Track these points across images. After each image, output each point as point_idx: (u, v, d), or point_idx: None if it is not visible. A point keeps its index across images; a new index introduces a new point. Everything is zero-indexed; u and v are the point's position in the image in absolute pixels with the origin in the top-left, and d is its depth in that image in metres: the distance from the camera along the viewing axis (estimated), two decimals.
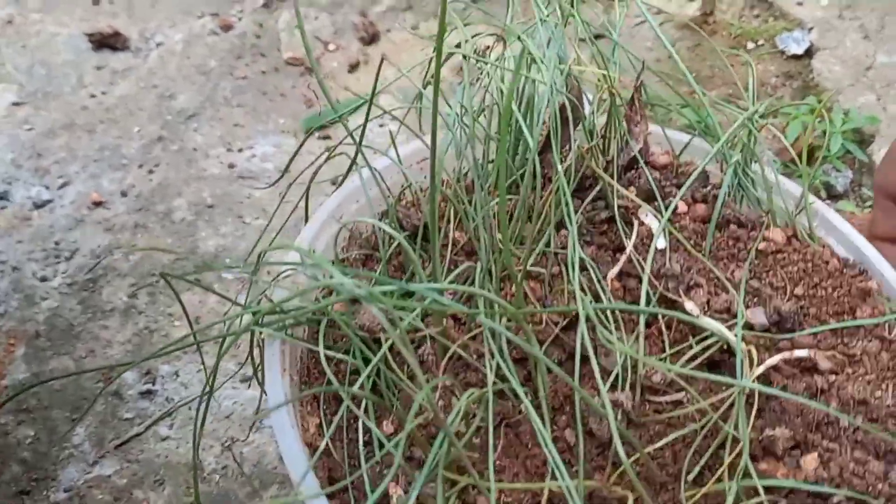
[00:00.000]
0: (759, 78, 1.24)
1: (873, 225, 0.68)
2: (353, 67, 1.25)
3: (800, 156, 1.10)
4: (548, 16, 0.72)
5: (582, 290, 0.63)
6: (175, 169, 1.06)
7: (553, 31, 0.71)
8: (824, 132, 1.10)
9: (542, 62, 0.67)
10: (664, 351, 0.61)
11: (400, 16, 1.33)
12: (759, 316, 0.63)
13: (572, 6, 0.74)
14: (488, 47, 0.74)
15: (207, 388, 0.56)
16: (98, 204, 1.01)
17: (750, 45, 1.29)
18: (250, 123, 1.14)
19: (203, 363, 0.55)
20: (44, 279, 0.92)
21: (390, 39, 1.29)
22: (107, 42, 1.26)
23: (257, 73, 1.22)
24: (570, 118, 0.68)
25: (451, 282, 0.61)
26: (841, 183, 1.06)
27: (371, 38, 1.28)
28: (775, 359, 0.60)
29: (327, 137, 1.13)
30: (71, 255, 0.95)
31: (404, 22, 1.32)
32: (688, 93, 1.25)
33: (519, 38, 0.71)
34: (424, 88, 0.75)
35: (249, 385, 0.81)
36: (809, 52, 1.26)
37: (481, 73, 0.72)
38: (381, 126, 1.13)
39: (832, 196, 1.06)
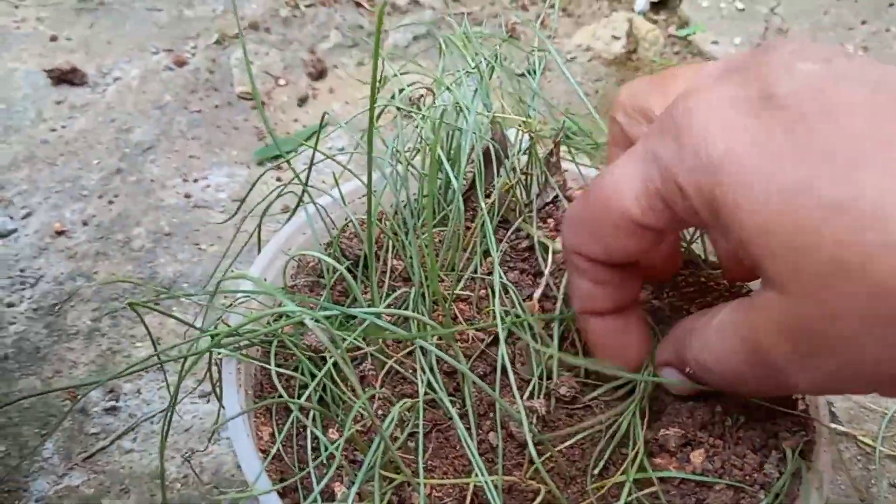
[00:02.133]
0: None
1: (588, 300, 0.60)
2: (303, 101, 1.32)
3: None
4: (474, 67, 0.81)
5: (504, 310, 0.72)
6: (133, 199, 1.13)
7: (479, 82, 0.80)
8: None
9: (467, 110, 0.76)
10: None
11: (346, 52, 1.41)
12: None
13: (496, 60, 0.83)
14: (422, 96, 0.83)
15: (170, 403, 0.63)
16: (61, 233, 1.07)
17: None
18: (205, 155, 1.21)
19: (166, 381, 0.62)
20: (10, 305, 0.98)
21: (337, 75, 1.37)
22: (65, 77, 1.31)
23: (211, 107, 1.29)
24: (493, 160, 0.77)
25: (388, 306, 0.70)
26: None
27: (319, 74, 1.36)
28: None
29: (279, 168, 1.20)
30: (36, 281, 1.01)
31: (350, 58, 1.40)
32: None
33: (448, 88, 0.80)
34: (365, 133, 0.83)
35: (208, 400, 0.88)
36: None
37: (414, 119, 0.80)
38: (333, 157, 1.20)
39: None
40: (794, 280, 0.40)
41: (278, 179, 1.16)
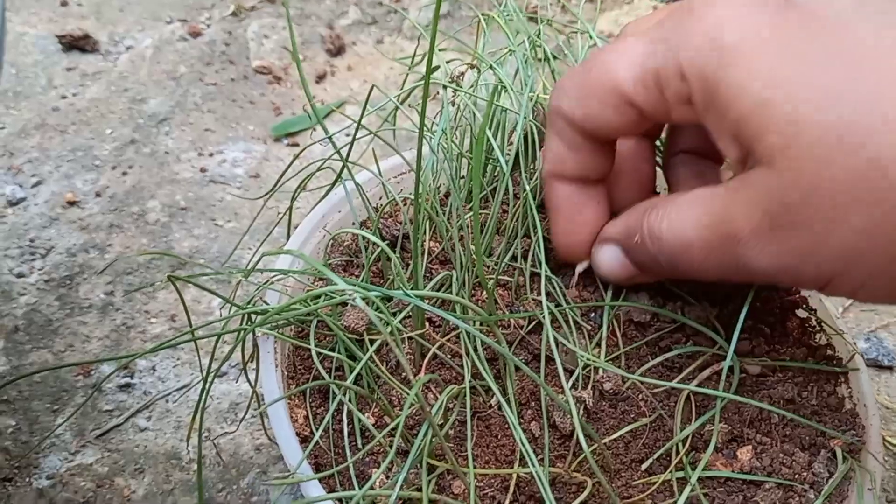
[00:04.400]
0: None
1: (557, 161, 0.58)
2: (321, 78, 1.29)
3: None
4: (518, 45, 0.79)
5: (546, 298, 0.69)
6: (148, 172, 1.10)
7: (521, 60, 0.77)
8: None
9: (511, 89, 0.74)
10: (618, 348, 0.68)
11: (365, 29, 1.38)
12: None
13: (538, 36, 0.81)
14: (462, 73, 0.80)
15: (205, 382, 0.60)
16: (72, 203, 1.04)
17: None
18: (220, 129, 1.18)
19: (199, 359, 0.59)
20: (20, 275, 0.95)
21: (356, 52, 1.34)
22: (76, 44, 1.28)
23: (227, 80, 1.26)
24: (536, 140, 0.75)
25: (431, 289, 0.67)
26: None
27: (337, 51, 1.33)
28: (718, 366, 0.67)
29: (295, 145, 1.17)
30: (46, 252, 0.98)
31: (369, 36, 1.37)
32: None
33: (491, 67, 0.77)
34: (400, 105, 0.80)
35: (234, 380, 0.85)
36: None
37: (454, 97, 0.78)
38: (347, 136, 1.18)
39: None
40: (785, 153, 0.41)
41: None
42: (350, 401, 0.61)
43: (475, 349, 0.62)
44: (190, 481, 0.78)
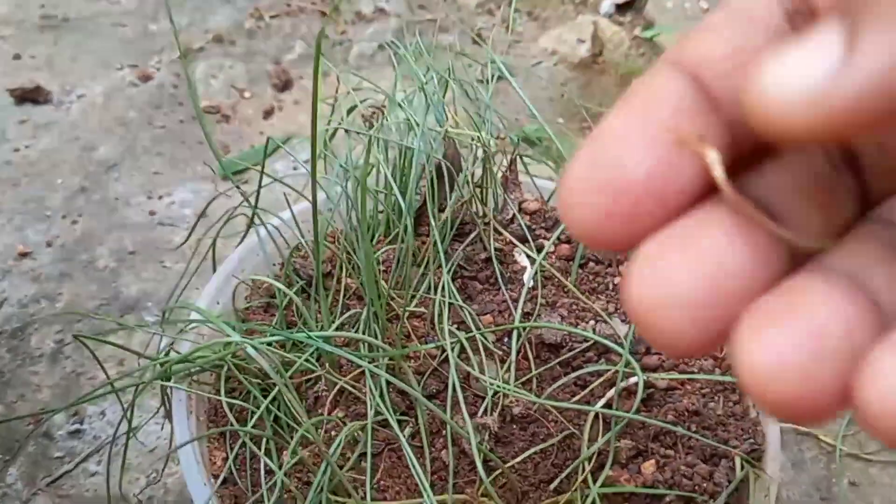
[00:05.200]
0: None
1: None
2: (268, 114, 1.32)
3: None
4: (426, 84, 0.82)
5: (459, 326, 0.72)
6: (97, 218, 1.12)
7: (430, 98, 0.80)
8: None
9: (417, 127, 0.77)
10: (531, 371, 0.71)
11: (312, 63, 1.41)
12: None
13: (450, 75, 0.83)
14: (374, 112, 0.83)
15: (126, 431, 0.63)
16: (24, 255, 1.07)
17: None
18: (169, 171, 1.21)
19: (122, 408, 0.62)
20: None
21: (303, 86, 1.37)
22: (29, 96, 1.31)
23: (175, 122, 1.29)
24: (446, 176, 0.77)
25: (340, 326, 0.70)
26: None
27: (284, 86, 1.36)
28: (624, 384, 0.70)
29: (245, 182, 1.20)
30: (0, 304, 1.01)
31: None
32: (578, 128, 1.36)
33: (399, 105, 0.80)
34: (326, 145, 0.83)
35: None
36: None
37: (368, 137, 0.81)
38: (294, 169, 1.21)
39: None
40: None
41: (242, 194, 1.16)
42: (268, 441, 0.64)
43: (380, 387, 0.64)
44: None
